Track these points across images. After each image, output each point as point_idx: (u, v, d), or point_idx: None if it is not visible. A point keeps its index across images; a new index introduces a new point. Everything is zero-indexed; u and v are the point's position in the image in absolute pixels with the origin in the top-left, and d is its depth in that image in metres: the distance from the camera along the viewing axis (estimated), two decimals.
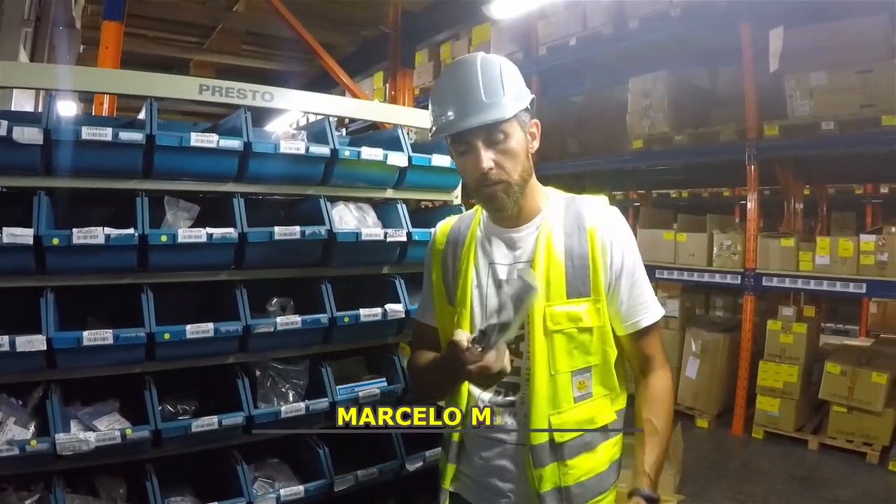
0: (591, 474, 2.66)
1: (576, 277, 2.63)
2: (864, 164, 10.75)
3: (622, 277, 2.66)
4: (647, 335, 2.74)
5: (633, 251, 2.71)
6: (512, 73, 2.61)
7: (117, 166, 3.48)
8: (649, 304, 2.72)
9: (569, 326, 2.61)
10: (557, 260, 2.63)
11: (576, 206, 2.75)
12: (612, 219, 2.72)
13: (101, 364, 3.43)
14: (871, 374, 8.02)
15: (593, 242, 2.64)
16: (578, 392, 2.65)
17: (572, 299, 2.62)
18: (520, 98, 2.58)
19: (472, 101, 2.53)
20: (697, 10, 9.06)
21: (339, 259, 4.09)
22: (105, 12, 7.25)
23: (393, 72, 12.22)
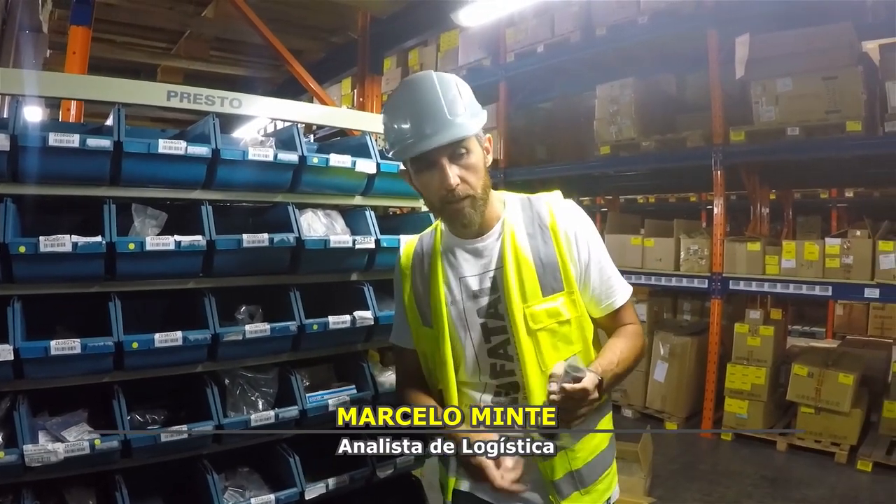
0: (595, 453, 2.79)
1: (547, 275, 2.69)
2: (830, 169, 10.83)
3: (591, 266, 2.75)
4: (622, 311, 2.85)
5: (595, 239, 2.80)
6: (467, 91, 2.71)
7: (85, 173, 3.46)
8: (619, 285, 2.84)
9: (550, 323, 2.68)
10: (527, 261, 2.69)
11: (533, 205, 2.82)
12: (569, 211, 2.80)
13: (69, 374, 3.40)
14: (838, 375, 8.08)
15: (557, 238, 2.72)
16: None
17: (548, 296, 2.69)
18: (477, 114, 2.68)
19: (438, 119, 2.57)
20: (664, 17, 9.12)
21: (308, 266, 4.08)
22: (72, 17, 7.20)
23: (361, 78, 12.21)
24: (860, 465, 7.63)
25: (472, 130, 2.63)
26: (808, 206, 16.48)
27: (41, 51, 8.37)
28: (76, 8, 7.17)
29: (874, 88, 7.83)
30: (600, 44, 10.06)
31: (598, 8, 9.98)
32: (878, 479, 7.41)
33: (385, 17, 11.37)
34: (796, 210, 14.78)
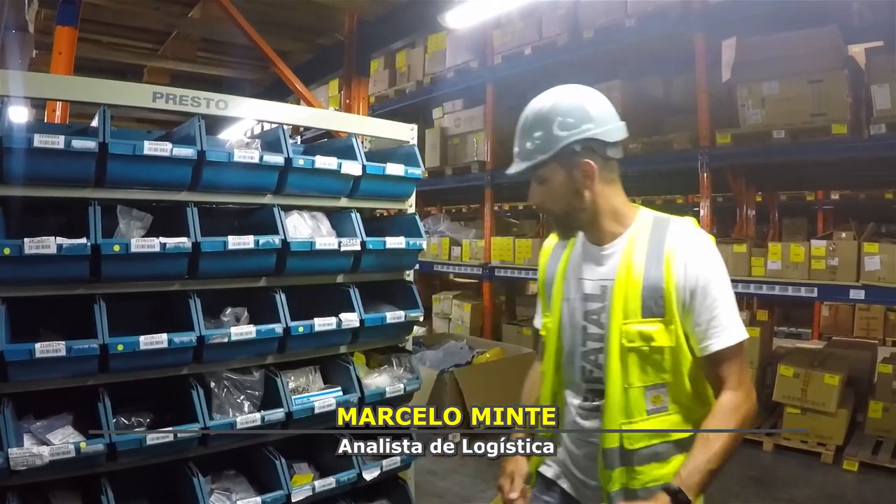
0: (658, 482, 2.70)
1: (650, 298, 2.69)
2: (815, 172, 10.84)
3: (696, 300, 2.68)
4: (721, 358, 2.69)
5: (711, 275, 2.71)
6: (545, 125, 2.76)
7: (70, 175, 3.46)
8: (724, 328, 2.68)
9: (642, 344, 2.69)
10: (635, 280, 2.71)
11: (660, 227, 2.81)
12: (692, 242, 2.75)
13: (55, 376, 3.40)
14: (824, 376, 8.09)
15: (669, 265, 2.69)
16: (652, 405, 2.73)
17: (646, 319, 2.69)
18: (544, 150, 2.73)
19: (516, 148, 2.84)
20: (651, 20, 9.10)
21: (294, 268, 4.08)
22: (58, 17, 7.17)
23: (348, 80, 12.17)
24: (846, 464, 7.64)
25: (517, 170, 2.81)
26: (794, 208, 16.51)
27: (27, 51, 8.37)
28: (62, 8, 7.15)
29: (860, 92, 7.83)
30: (587, 46, 10.03)
31: (585, 10, 9.95)
32: (864, 478, 7.42)
33: (372, 19, 11.35)
34: (782, 212, 14.80)
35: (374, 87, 13.12)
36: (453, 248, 12.35)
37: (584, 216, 2.80)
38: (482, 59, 11.53)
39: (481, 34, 11.36)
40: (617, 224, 2.82)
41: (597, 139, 2.70)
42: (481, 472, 7.10)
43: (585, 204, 2.77)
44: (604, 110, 2.77)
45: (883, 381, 8.39)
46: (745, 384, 2.72)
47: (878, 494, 7.04)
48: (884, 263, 7.33)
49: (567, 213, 2.81)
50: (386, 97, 13.13)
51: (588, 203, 2.76)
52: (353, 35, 11.82)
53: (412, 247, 4.50)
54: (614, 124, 2.76)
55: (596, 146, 2.71)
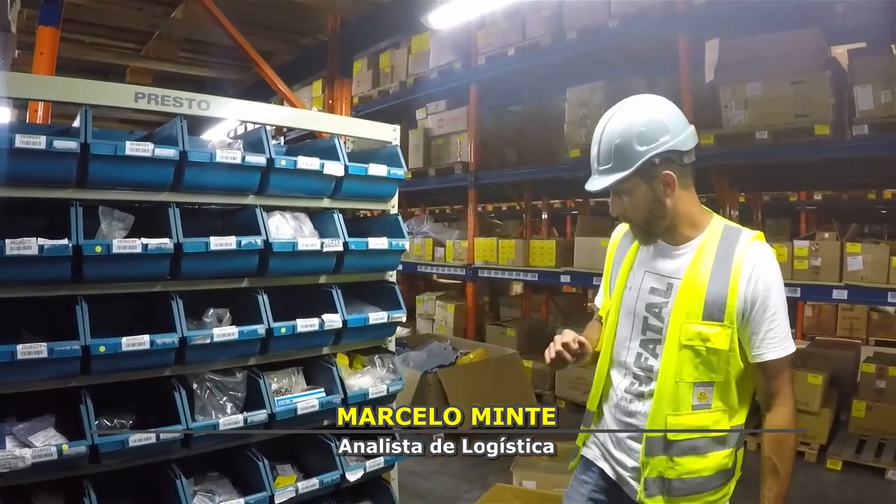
0: (695, 475, 2.90)
1: (713, 303, 2.82)
2: (798, 172, 10.86)
3: (756, 311, 2.80)
4: (772, 369, 2.86)
5: (772, 289, 2.83)
6: (625, 140, 2.85)
7: (51, 175, 3.43)
8: (778, 341, 2.83)
9: (699, 344, 2.83)
10: (701, 283, 2.85)
11: (731, 236, 2.93)
12: (759, 255, 2.86)
13: (36, 378, 3.39)
14: (808, 376, 8.14)
15: (736, 274, 2.81)
16: (698, 402, 2.88)
17: (707, 321, 2.82)
18: (625, 166, 2.83)
19: (594, 165, 2.99)
20: (635, 21, 9.10)
21: (276, 269, 4.07)
22: (40, 17, 7.13)
23: (330, 80, 12.14)
24: (830, 463, 7.67)
25: (600, 186, 2.91)
26: (777, 208, 16.57)
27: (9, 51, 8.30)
28: (44, 8, 7.11)
29: (842, 93, 7.85)
30: (571, 47, 10.02)
31: (569, 11, 9.94)
32: (848, 477, 7.45)
33: (354, 20, 11.32)
34: (765, 212, 14.84)
35: (357, 87, 13.09)
36: (437, 248, 12.34)
37: (664, 224, 2.93)
38: (466, 60, 11.51)
39: (465, 35, 11.34)
40: (692, 229, 2.96)
41: (674, 150, 2.81)
42: (465, 473, 7.10)
43: (666, 212, 2.89)
44: (677, 119, 2.88)
45: (866, 380, 8.44)
46: (793, 398, 2.93)
47: (861, 493, 7.07)
48: (866, 263, 7.36)
49: (649, 222, 2.93)
50: (370, 98, 13.11)
51: (668, 211, 2.89)
52: (336, 35, 11.79)
53: (395, 247, 4.50)
54: (688, 131, 2.88)
55: (674, 156, 2.83)
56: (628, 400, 3.01)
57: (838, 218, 14.29)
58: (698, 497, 2.92)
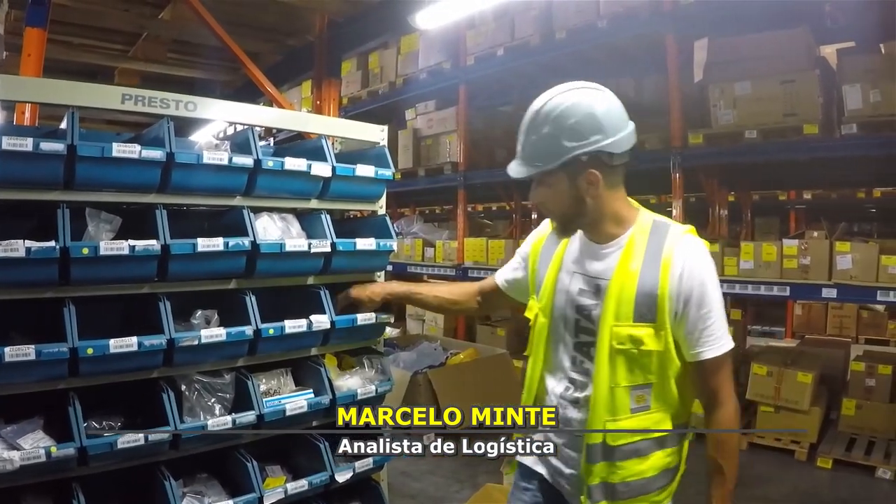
0: (638, 477, 2.83)
1: (643, 304, 2.74)
2: (787, 171, 10.89)
3: (689, 308, 2.73)
4: (710, 368, 2.79)
5: (706, 284, 2.75)
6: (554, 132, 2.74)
7: (38, 177, 3.43)
8: (715, 338, 2.76)
9: (631, 347, 2.75)
10: (630, 284, 2.76)
11: (660, 232, 2.85)
12: (690, 250, 2.79)
13: (24, 380, 3.38)
14: (797, 374, 8.17)
15: (665, 271, 2.73)
16: (636, 404, 2.80)
17: (638, 323, 2.74)
18: (550, 159, 2.74)
19: (517, 151, 2.87)
20: (623, 21, 9.10)
21: (264, 270, 4.07)
22: (27, 19, 7.13)
23: (318, 81, 12.14)
24: (820, 462, 7.69)
25: (521, 175, 2.83)
26: (766, 207, 16.58)
27: None
28: (31, 9, 7.11)
29: (831, 92, 7.87)
30: (560, 47, 10.02)
31: (558, 11, 9.95)
32: (838, 475, 7.47)
33: (342, 20, 11.33)
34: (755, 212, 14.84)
35: (346, 88, 13.10)
36: (426, 249, 12.34)
37: (585, 220, 2.86)
38: (455, 60, 11.51)
39: (454, 35, 11.34)
40: (617, 226, 2.87)
41: (605, 150, 2.71)
42: (456, 474, 7.11)
43: (587, 209, 2.81)
44: (614, 118, 2.77)
45: (856, 378, 8.47)
46: (733, 396, 2.85)
47: (852, 491, 7.09)
48: (855, 262, 7.38)
49: (567, 217, 2.88)
50: (359, 98, 13.09)
51: (590, 208, 2.81)
52: (323, 36, 11.80)
53: (383, 248, 4.49)
54: (625, 132, 2.77)
55: (604, 156, 2.72)
56: (563, 406, 2.94)
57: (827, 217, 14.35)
58: (644, 498, 2.87)
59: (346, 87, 13.07)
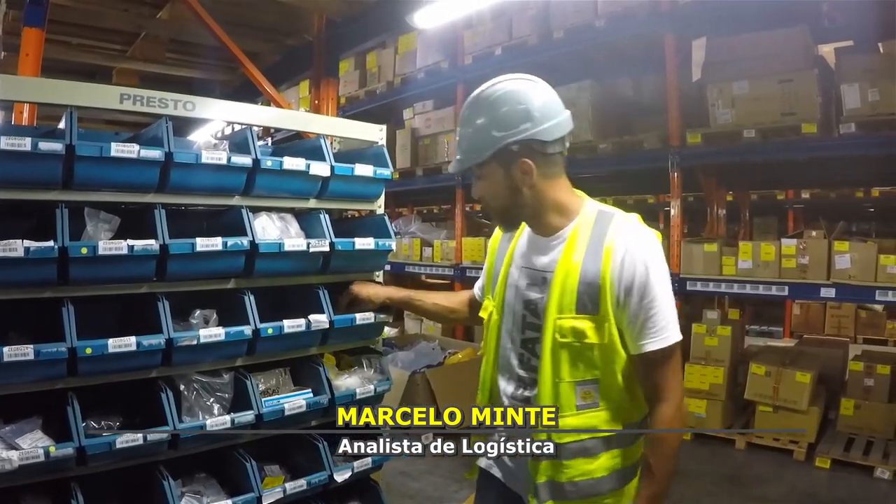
0: (586, 477, 2.75)
1: (585, 294, 2.69)
2: (786, 171, 10.91)
3: (632, 298, 2.67)
4: (654, 361, 2.72)
5: (650, 272, 2.69)
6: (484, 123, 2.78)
7: (37, 177, 3.41)
8: (660, 330, 2.69)
9: (573, 340, 2.70)
10: (573, 275, 2.72)
11: (603, 222, 2.80)
12: (633, 236, 2.75)
13: (23, 380, 3.36)
14: (796, 374, 8.18)
15: (607, 261, 2.68)
16: (582, 401, 2.73)
17: (580, 315, 2.70)
18: (482, 150, 2.77)
19: (457, 141, 2.90)
20: (621, 20, 9.12)
21: (262, 270, 4.06)
22: (25, 18, 7.12)
23: (316, 81, 12.14)
24: (818, 462, 7.71)
25: (458, 169, 2.91)
26: (764, 207, 16.63)
27: None
28: (29, 9, 7.10)
29: (829, 91, 7.89)
30: (558, 47, 10.04)
31: (555, 11, 9.96)
32: (837, 475, 7.48)
33: (340, 20, 11.32)
34: (753, 211, 14.90)
35: (344, 87, 13.11)
36: (424, 248, 12.35)
37: (525, 211, 2.86)
38: (453, 60, 11.53)
39: (452, 35, 11.37)
40: (561, 217, 2.85)
41: (535, 138, 2.73)
42: (454, 473, 7.11)
43: (525, 200, 2.81)
44: (545, 106, 2.78)
45: (854, 378, 8.49)
46: (678, 392, 2.77)
47: (850, 491, 7.11)
48: (854, 262, 7.40)
49: (506, 209, 2.88)
50: (357, 98, 13.10)
51: (528, 199, 2.81)
52: (322, 35, 11.79)
53: (381, 247, 4.48)
54: (556, 120, 2.78)
55: (535, 145, 2.74)
56: (515, 407, 2.83)
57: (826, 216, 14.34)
58: (594, 500, 2.80)
59: (343, 86, 13.07)
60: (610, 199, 17.74)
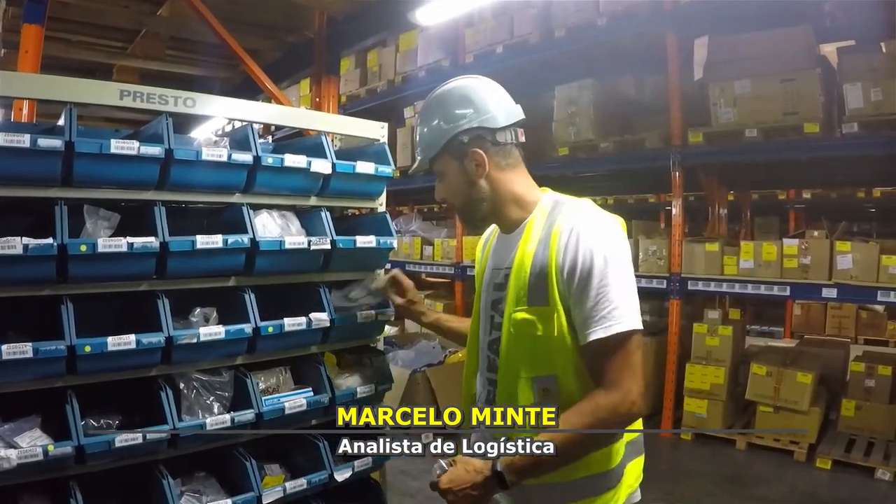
0: (554, 480, 2.58)
1: (536, 285, 2.61)
2: (787, 171, 10.90)
3: (577, 283, 2.51)
4: (602, 351, 2.49)
5: (594, 256, 2.50)
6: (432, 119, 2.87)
7: (36, 174, 3.40)
8: (604, 318, 2.47)
9: (527, 333, 2.63)
10: (526, 266, 2.65)
11: (556, 210, 2.75)
12: (579, 219, 2.61)
13: (22, 378, 3.34)
14: (796, 375, 8.18)
15: (553, 249, 2.58)
16: (541, 398, 2.61)
17: (532, 306, 2.62)
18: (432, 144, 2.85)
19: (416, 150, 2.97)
20: (623, 19, 9.10)
21: (263, 268, 4.04)
22: (25, 15, 7.11)
23: (317, 78, 12.15)
24: (819, 462, 7.70)
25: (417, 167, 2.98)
26: (766, 207, 16.61)
27: None
28: (28, 6, 7.09)
29: (832, 91, 7.88)
30: (559, 45, 10.02)
31: (557, 9, 9.94)
32: (838, 476, 7.48)
33: (341, 17, 11.32)
34: (754, 211, 14.89)
35: (345, 86, 13.10)
36: (425, 247, 12.35)
37: (485, 206, 2.85)
38: (454, 58, 11.50)
39: (453, 33, 11.34)
40: (520, 210, 2.83)
41: (483, 127, 2.77)
42: None
43: (483, 194, 2.82)
44: (489, 97, 2.83)
45: (855, 379, 8.49)
46: (624, 383, 2.50)
47: (850, 492, 7.10)
48: (856, 262, 7.39)
49: (466, 205, 2.89)
50: (357, 96, 13.08)
51: (486, 192, 2.81)
52: (323, 33, 11.80)
53: (383, 246, 4.46)
54: (500, 110, 2.82)
55: (484, 133, 2.77)
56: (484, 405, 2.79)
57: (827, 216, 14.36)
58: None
59: (344, 85, 13.06)
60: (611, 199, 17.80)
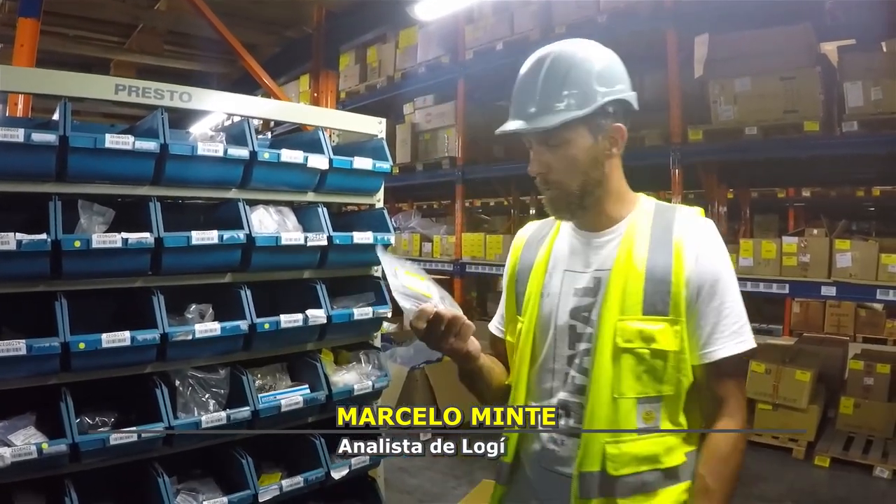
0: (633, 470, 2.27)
1: (655, 293, 2.29)
2: (787, 169, 10.88)
3: (703, 297, 2.31)
4: (723, 371, 2.32)
5: (723, 270, 2.35)
6: (582, 75, 2.34)
7: (30, 169, 3.39)
8: (734, 333, 2.32)
9: (640, 346, 2.28)
10: (637, 270, 2.32)
11: (667, 215, 2.44)
12: (703, 232, 2.38)
13: (15, 376, 3.34)
14: (795, 372, 8.17)
15: (679, 255, 2.32)
16: (644, 423, 2.29)
17: (648, 316, 2.28)
18: (581, 104, 2.30)
19: (525, 104, 2.36)
20: (623, 16, 9.05)
21: (259, 264, 4.02)
22: (21, 9, 7.08)
23: (315, 73, 12.12)
24: (818, 460, 7.69)
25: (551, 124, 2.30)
26: (765, 204, 16.61)
27: None
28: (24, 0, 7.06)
29: (832, 89, 7.85)
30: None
31: (557, 6, 9.89)
32: (836, 474, 7.47)
33: (340, 11, 11.30)
34: (754, 209, 14.88)
35: (344, 82, 13.05)
36: (424, 244, 12.30)
37: (596, 193, 2.39)
38: (454, 55, 11.45)
39: (453, 29, 11.30)
40: (619, 207, 2.46)
41: (629, 102, 2.39)
42: (453, 469, 7.08)
43: (602, 177, 2.38)
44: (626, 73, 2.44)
45: (854, 377, 8.48)
46: (744, 410, 2.39)
47: (849, 490, 7.09)
48: (855, 260, 7.36)
49: (583, 188, 2.37)
50: (357, 92, 13.04)
51: (603, 177, 2.39)
52: (322, 27, 11.77)
53: (380, 242, 4.45)
54: None
55: (629, 109, 2.40)
56: (559, 442, 2.40)
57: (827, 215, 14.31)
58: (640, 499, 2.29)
59: (343, 81, 13.03)
60: None
